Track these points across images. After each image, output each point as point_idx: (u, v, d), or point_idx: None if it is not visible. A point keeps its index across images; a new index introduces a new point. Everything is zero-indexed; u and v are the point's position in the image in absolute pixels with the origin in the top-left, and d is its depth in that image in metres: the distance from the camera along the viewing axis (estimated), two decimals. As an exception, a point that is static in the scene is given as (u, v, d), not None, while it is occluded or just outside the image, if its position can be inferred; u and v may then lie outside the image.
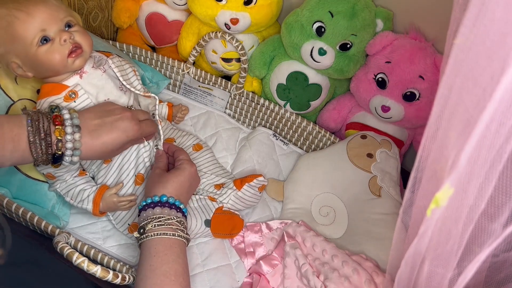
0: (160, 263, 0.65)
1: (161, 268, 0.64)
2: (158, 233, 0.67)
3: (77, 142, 0.67)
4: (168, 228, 0.68)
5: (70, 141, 0.66)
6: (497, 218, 0.45)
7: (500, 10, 0.37)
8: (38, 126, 0.64)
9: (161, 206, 0.70)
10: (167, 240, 0.67)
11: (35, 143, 0.64)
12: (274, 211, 0.95)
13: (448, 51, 0.45)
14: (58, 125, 0.66)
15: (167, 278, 0.64)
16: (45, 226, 0.75)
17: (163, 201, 0.71)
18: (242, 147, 1.01)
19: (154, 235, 0.67)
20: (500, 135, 0.39)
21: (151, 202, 0.71)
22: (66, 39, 0.72)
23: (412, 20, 0.92)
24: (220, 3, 0.94)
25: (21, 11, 0.70)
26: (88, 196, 0.78)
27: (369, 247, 0.84)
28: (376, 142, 0.95)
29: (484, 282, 0.60)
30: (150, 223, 0.68)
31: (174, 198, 0.72)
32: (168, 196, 0.71)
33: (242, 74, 1.01)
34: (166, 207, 0.70)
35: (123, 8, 1.07)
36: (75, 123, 0.68)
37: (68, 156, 0.67)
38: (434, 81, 0.89)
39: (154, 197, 0.71)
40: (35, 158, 0.65)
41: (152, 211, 0.70)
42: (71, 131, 0.67)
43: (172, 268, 0.65)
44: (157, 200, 0.71)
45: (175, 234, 0.68)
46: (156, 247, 0.66)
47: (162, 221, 0.68)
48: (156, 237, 0.67)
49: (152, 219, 0.69)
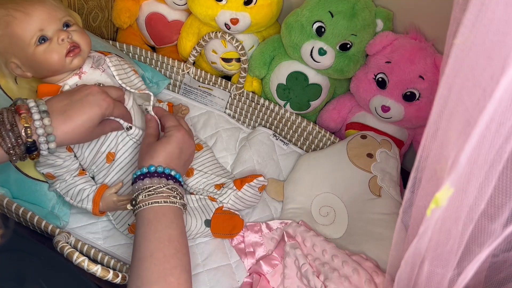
0: (153, 230, 0.64)
1: (154, 235, 0.64)
2: (148, 202, 0.67)
3: (48, 127, 0.65)
4: (158, 197, 0.67)
5: (40, 127, 0.64)
6: (497, 218, 0.45)
7: (500, 10, 0.37)
8: (2, 119, 0.63)
9: (150, 176, 0.69)
10: (158, 208, 0.67)
11: (2, 136, 0.62)
12: (274, 211, 0.95)
13: (448, 51, 0.45)
14: (22, 113, 0.64)
15: (161, 244, 0.63)
16: (45, 226, 0.75)
17: (151, 171, 0.70)
18: (242, 147, 1.01)
19: (145, 205, 0.67)
20: (500, 135, 0.39)
21: (140, 174, 0.70)
22: (64, 39, 0.72)
23: (412, 20, 0.92)
24: (220, 3, 0.94)
25: (19, 11, 0.70)
26: (88, 195, 0.78)
27: (369, 247, 0.84)
28: (376, 142, 0.95)
29: (484, 282, 0.60)
30: (140, 194, 0.68)
31: (162, 167, 0.70)
32: (156, 166, 0.70)
33: (242, 74, 1.01)
34: (155, 177, 0.69)
35: (123, 8, 1.07)
36: (41, 109, 0.65)
37: (43, 143, 0.65)
38: (434, 81, 0.89)
39: (142, 169, 0.70)
40: (6, 151, 0.63)
41: (142, 183, 0.69)
42: (39, 117, 0.65)
43: (166, 234, 0.65)
44: (146, 171, 0.70)
45: (166, 201, 0.67)
46: (148, 216, 0.66)
47: (152, 190, 0.68)
48: (147, 207, 0.67)
49: (142, 190, 0.68)
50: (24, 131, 0.64)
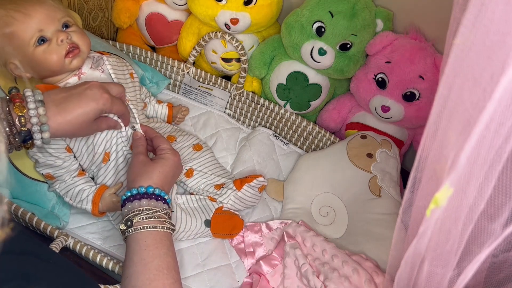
0: (151, 257, 0.63)
1: (153, 262, 0.63)
2: (147, 226, 0.65)
3: (42, 117, 0.64)
4: (156, 221, 0.66)
5: (34, 116, 0.64)
6: (497, 218, 0.45)
7: (500, 10, 0.37)
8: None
9: (147, 197, 0.68)
10: (156, 233, 0.65)
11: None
12: (274, 211, 0.95)
13: (448, 51, 0.45)
14: (17, 102, 0.63)
15: (160, 272, 0.62)
16: (44, 227, 0.75)
17: (149, 192, 0.68)
18: (242, 147, 1.01)
19: (143, 228, 0.65)
20: (500, 135, 0.39)
21: (137, 194, 0.68)
22: (63, 39, 0.72)
23: (412, 20, 0.92)
24: (220, 3, 0.94)
25: (19, 12, 0.70)
26: (87, 196, 0.78)
27: (369, 247, 0.84)
28: (376, 142, 0.95)
29: (484, 282, 0.60)
30: (137, 216, 0.66)
31: (160, 189, 0.69)
32: (154, 187, 0.69)
33: (242, 74, 1.01)
34: (153, 198, 0.68)
35: (123, 8, 1.07)
36: (37, 98, 0.65)
37: (37, 133, 0.64)
38: (434, 81, 0.89)
39: (140, 188, 0.68)
40: None
41: (138, 203, 0.67)
42: (34, 107, 0.64)
43: (164, 262, 0.64)
44: (143, 191, 0.68)
45: (163, 227, 0.66)
46: (146, 240, 0.65)
47: (150, 213, 0.66)
48: (145, 230, 0.65)
49: (139, 212, 0.66)
50: (18, 120, 0.63)
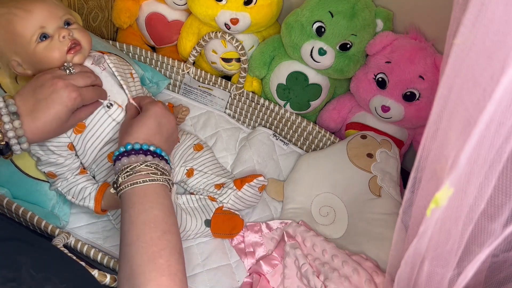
0: (137, 213, 0.62)
1: (139, 218, 0.62)
2: (128, 184, 0.65)
3: (19, 130, 0.64)
4: (137, 176, 0.65)
5: (11, 129, 0.64)
6: (497, 218, 0.45)
7: (500, 10, 0.37)
8: None
9: (127, 155, 0.67)
10: (138, 189, 0.64)
11: None
12: (274, 211, 0.95)
13: (448, 51, 0.45)
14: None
15: (146, 226, 0.61)
16: (45, 226, 0.75)
17: (128, 149, 0.67)
18: (242, 147, 1.01)
19: (126, 186, 0.65)
20: (500, 135, 0.40)
21: (118, 154, 0.68)
22: (65, 36, 0.72)
23: (412, 20, 0.92)
24: (220, 3, 0.94)
25: (20, 9, 0.70)
26: (90, 193, 0.78)
27: (369, 247, 0.84)
28: (376, 142, 0.95)
29: (484, 282, 0.60)
30: (120, 176, 0.66)
31: (139, 143, 0.68)
32: (132, 143, 0.68)
33: (242, 74, 1.01)
34: (132, 154, 0.67)
35: (123, 8, 1.07)
36: (11, 110, 0.65)
37: (15, 145, 0.65)
38: (434, 81, 0.89)
39: (119, 148, 0.68)
40: None
41: (120, 163, 0.67)
42: (8, 120, 0.64)
43: (150, 215, 0.62)
44: (123, 150, 0.67)
45: (146, 180, 0.65)
46: (131, 198, 0.64)
47: (129, 170, 0.65)
48: (128, 189, 0.65)
49: (121, 171, 0.66)
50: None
